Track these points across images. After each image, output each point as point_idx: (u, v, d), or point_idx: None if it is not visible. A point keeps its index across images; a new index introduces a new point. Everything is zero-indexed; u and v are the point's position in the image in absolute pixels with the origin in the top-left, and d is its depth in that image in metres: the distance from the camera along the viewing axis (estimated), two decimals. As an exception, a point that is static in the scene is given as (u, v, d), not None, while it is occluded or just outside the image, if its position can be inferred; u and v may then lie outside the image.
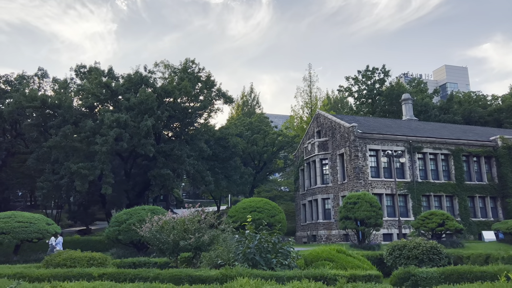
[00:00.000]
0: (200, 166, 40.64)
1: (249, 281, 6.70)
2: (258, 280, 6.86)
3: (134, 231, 23.50)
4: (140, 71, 40.52)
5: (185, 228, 12.78)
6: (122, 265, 15.42)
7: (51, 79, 42.72)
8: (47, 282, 8.43)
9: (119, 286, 6.74)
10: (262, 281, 6.82)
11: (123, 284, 7.06)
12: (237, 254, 12.13)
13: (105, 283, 7.08)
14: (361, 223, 28.40)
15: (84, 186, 32.09)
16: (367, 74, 58.86)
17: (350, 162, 38.94)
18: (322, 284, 6.65)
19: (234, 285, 6.36)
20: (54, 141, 33.44)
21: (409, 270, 9.80)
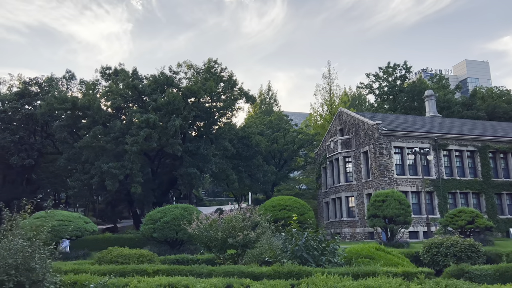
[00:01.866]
0: (224, 164, 41.20)
1: (329, 276, 7.00)
2: (336, 276, 7.15)
3: (168, 229, 24.25)
4: (165, 72, 41.22)
5: (231, 226, 13.18)
6: (166, 261, 15.90)
7: (78, 81, 43.86)
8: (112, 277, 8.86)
9: (201, 281, 7.10)
10: (340, 277, 7.11)
11: (206, 279, 7.42)
12: (283, 251, 12.46)
13: (189, 278, 7.46)
14: (389, 221, 28.44)
15: (114, 185, 32.95)
16: (388, 71, 58.50)
17: (374, 159, 38.91)
18: (402, 280, 6.89)
19: (315, 280, 6.65)
20: (85, 141, 34.40)
21: (463, 267, 9.97)
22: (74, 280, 7.39)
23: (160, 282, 7.06)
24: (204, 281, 7.08)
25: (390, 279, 6.83)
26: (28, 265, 6.23)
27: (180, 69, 45.83)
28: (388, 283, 6.45)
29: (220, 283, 6.97)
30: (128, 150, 33.20)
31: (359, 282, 6.57)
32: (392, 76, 58.63)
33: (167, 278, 7.37)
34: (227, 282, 7.09)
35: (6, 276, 5.96)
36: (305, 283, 6.69)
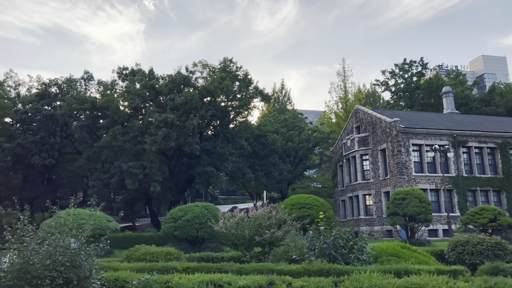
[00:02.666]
0: (240, 163, 41.35)
1: (373, 274, 7.02)
2: (378, 273, 7.16)
3: (189, 227, 24.44)
4: (182, 72, 41.51)
5: (258, 224, 13.27)
6: (191, 259, 16.06)
7: (96, 81, 44.49)
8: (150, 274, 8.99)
9: (243, 278, 7.18)
10: (382, 275, 7.11)
11: (248, 276, 7.49)
12: (311, 249, 12.49)
13: (230, 275, 7.55)
14: (409, 219, 28.21)
15: (134, 184, 33.38)
16: (404, 68, 57.90)
17: (392, 157, 38.60)
18: (448, 277, 6.87)
19: (358, 278, 6.68)
20: (104, 141, 34.89)
21: (497, 265, 9.88)
22: (116, 277, 7.54)
23: (202, 279, 7.15)
24: (246, 278, 7.15)
25: (435, 277, 6.81)
26: (75, 262, 6.39)
27: (196, 68, 46.09)
28: (435, 280, 6.44)
29: (262, 280, 7.03)
30: (147, 150, 33.58)
31: (405, 279, 6.57)
32: (408, 72, 58.02)
33: (208, 275, 7.47)
34: (269, 279, 7.14)
35: (56, 273, 6.13)
36: (348, 280, 6.72)
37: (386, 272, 9.04)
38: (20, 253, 6.27)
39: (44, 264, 6.14)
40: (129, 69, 44.65)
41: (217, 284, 7.02)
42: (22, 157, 41.77)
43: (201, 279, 7.16)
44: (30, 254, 6.21)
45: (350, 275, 9.15)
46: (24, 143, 39.42)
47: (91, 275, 6.53)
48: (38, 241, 6.52)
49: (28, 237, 6.58)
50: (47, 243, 6.46)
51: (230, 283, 6.99)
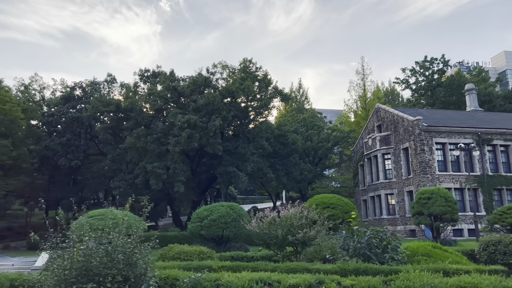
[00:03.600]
0: (261, 163, 41.54)
1: (423, 273, 7.09)
2: (427, 273, 7.23)
3: (215, 226, 24.75)
4: (202, 73, 41.96)
5: (290, 223, 13.42)
6: (222, 258, 16.32)
7: (119, 84, 45.36)
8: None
9: (291, 276, 7.35)
10: (431, 274, 7.19)
11: (291, 274, 7.66)
12: (344, 249, 12.58)
13: (279, 274, 7.73)
14: (435, 219, 27.94)
15: (158, 185, 33.96)
16: (425, 65, 57.13)
17: (415, 156, 38.22)
18: (499, 276, 6.91)
19: (408, 277, 6.77)
20: (129, 142, 35.58)
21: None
22: (166, 275, 7.80)
23: (251, 277, 7.34)
24: (295, 277, 7.30)
25: (487, 276, 6.84)
26: (131, 260, 6.67)
27: (216, 69, 46.50)
28: (487, 279, 6.48)
29: (312, 278, 7.17)
30: (170, 150, 34.10)
31: (457, 278, 6.63)
32: (429, 70, 57.24)
33: (257, 274, 7.65)
34: (318, 278, 7.28)
35: (116, 271, 6.42)
36: (399, 279, 6.80)
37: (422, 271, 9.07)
38: (81, 251, 6.57)
39: (103, 262, 6.44)
40: (150, 71, 45.40)
41: (266, 282, 7.19)
42: (48, 159, 42.88)
43: (250, 277, 7.34)
44: (91, 253, 6.51)
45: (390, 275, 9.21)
46: (51, 145, 40.50)
47: (146, 272, 6.80)
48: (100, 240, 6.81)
49: (88, 236, 6.89)
50: (104, 241, 6.76)
51: (279, 282, 7.15)
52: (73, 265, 6.41)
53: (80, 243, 6.76)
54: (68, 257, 6.60)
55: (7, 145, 37.38)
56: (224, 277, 7.44)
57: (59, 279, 6.39)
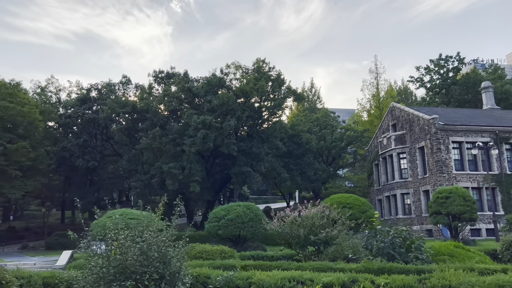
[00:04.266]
0: (275, 163, 41.57)
1: (458, 272, 7.07)
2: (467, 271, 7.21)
3: (233, 226, 24.86)
4: (216, 74, 42.17)
5: (311, 223, 13.45)
6: (242, 257, 16.39)
7: (134, 85, 45.87)
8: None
9: (324, 275, 7.39)
10: (466, 272, 7.17)
11: (322, 273, 7.70)
12: (367, 248, 12.56)
13: (312, 272, 7.78)
14: (453, 218, 27.65)
15: (174, 185, 34.24)
16: (440, 63, 56.49)
17: (431, 155, 37.86)
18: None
19: (444, 275, 6.76)
20: (145, 143, 35.97)
21: None
22: (197, 273, 7.91)
23: (283, 275, 7.40)
24: (328, 275, 7.34)
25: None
26: (166, 257, 6.79)
27: (229, 70, 46.68)
28: (526, 278, 6.44)
29: (345, 277, 7.20)
30: (186, 151, 34.35)
31: (494, 277, 6.60)
32: (444, 68, 56.58)
33: (288, 272, 7.71)
34: (351, 277, 7.30)
35: (153, 268, 6.55)
36: (434, 278, 6.79)
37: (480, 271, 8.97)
38: (118, 249, 6.71)
39: (138, 260, 6.56)
40: (164, 73, 45.79)
41: (299, 281, 7.24)
42: (65, 160, 43.53)
43: (282, 275, 7.39)
44: (127, 251, 6.64)
45: (417, 274, 9.15)
46: (68, 146, 41.14)
47: (180, 271, 6.91)
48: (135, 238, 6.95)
49: (123, 234, 7.04)
50: (138, 240, 6.89)
51: (312, 280, 7.19)
52: (111, 263, 6.56)
53: (117, 242, 6.89)
54: (105, 255, 6.74)
55: (26, 146, 38.08)
56: (256, 276, 7.50)
57: (97, 277, 6.54)
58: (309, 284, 7.09)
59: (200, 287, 7.45)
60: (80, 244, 7.37)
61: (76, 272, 8.02)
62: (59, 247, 39.98)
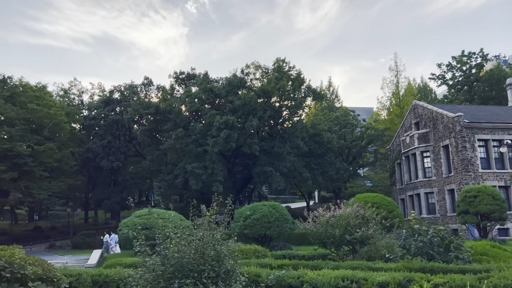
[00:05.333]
0: (297, 162, 41.52)
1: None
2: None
3: (259, 226, 24.96)
4: (237, 74, 42.35)
5: (346, 222, 13.43)
6: (274, 257, 16.45)
7: (155, 86, 46.46)
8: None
9: (379, 274, 7.39)
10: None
11: (376, 272, 7.70)
12: (404, 248, 12.46)
13: (365, 272, 7.79)
14: (482, 217, 27.16)
15: (198, 184, 34.56)
16: (462, 60, 55.46)
17: (456, 153, 37.23)
18: None
19: (505, 275, 6.69)
20: (169, 144, 36.40)
21: None
22: (247, 272, 7.98)
23: (335, 274, 7.43)
24: (383, 275, 7.33)
25: None
26: (220, 256, 6.90)
27: (249, 70, 46.83)
28: None
29: (400, 276, 7.19)
30: (209, 151, 34.63)
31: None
32: (466, 65, 55.53)
33: (341, 271, 7.73)
34: (407, 276, 7.28)
35: (209, 266, 6.68)
36: (495, 277, 6.72)
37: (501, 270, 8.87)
38: (176, 248, 6.86)
39: (195, 258, 6.69)
40: (185, 74, 46.22)
41: (353, 280, 7.25)
42: (90, 160, 44.39)
43: (334, 274, 7.42)
44: (184, 249, 6.79)
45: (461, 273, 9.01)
46: (93, 147, 41.94)
47: (233, 269, 7.02)
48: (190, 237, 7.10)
49: (180, 233, 7.19)
50: (194, 239, 7.03)
51: (366, 279, 7.19)
52: (170, 261, 6.71)
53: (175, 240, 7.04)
54: (163, 253, 6.89)
55: (52, 147, 38.97)
56: (308, 275, 7.54)
57: (156, 275, 6.69)
58: (363, 283, 7.09)
59: (252, 285, 7.53)
60: (136, 246, 7.54)
61: (128, 270, 8.21)
62: (85, 246, 40.91)
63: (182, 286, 6.31)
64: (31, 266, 9.22)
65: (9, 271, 8.72)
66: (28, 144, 38.10)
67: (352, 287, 7.04)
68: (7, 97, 38.50)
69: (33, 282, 8.91)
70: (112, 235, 31.75)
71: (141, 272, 7.01)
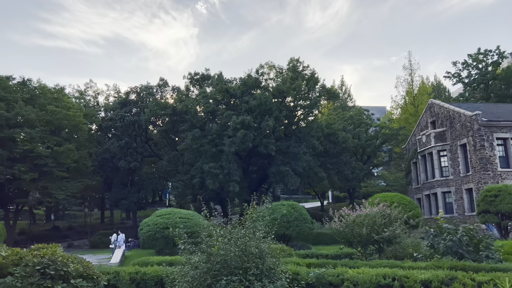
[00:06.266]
0: (312, 162, 41.52)
1: None
2: None
3: (279, 225, 25.09)
4: (251, 74, 42.50)
5: (373, 222, 13.48)
6: (298, 256, 16.55)
7: (170, 87, 46.91)
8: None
9: (421, 272, 7.46)
10: None
11: (417, 270, 7.76)
12: (433, 247, 12.48)
13: (407, 270, 7.87)
14: (503, 217, 26.91)
15: (215, 184, 34.84)
16: (478, 58, 54.82)
17: (474, 152, 36.88)
18: None
19: None
20: (186, 144, 36.75)
21: None
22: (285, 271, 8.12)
23: (376, 272, 7.52)
24: (424, 272, 7.41)
25: None
26: (262, 254, 7.05)
27: (262, 70, 46.95)
28: None
29: (443, 274, 7.25)
30: (225, 151, 34.87)
31: None
32: (482, 62, 54.88)
33: (381, 270, 7.81)
34: (449, 274, 7.34)
35: (254, 264, 6.83)
36: None
37: None
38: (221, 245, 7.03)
39: (240, 256, 6.86)
40: (199, 74, 46.54)
41: (395, 278, 7.33)
42: (107, 161, 45.01)
43: (375, 272, 7.51)
44: (229, 247, 6.95)
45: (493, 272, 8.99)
46: (111, 148, 42.53)
47: (275, 267, 7.16)
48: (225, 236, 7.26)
49: (223, 231, 7.36)
50: (237, 237, 7.19)
51: (407, 277, 7.27)
52: (215, 259, 6.88)
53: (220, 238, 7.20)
54: (208, 251, 7.06)
55: (71, 148, 39.59)
56: (348, 272, 7.64)
57: (202, 272, 6.87)
58: (405, 281, 7.17)
59: (294, 283, 7.66)
60: (180, 245, 7.73)
61: (170, 268, 8.39)
62: (103, 246, 41.53)
63: (229, 283, 6.47)
64: (72, 263, 9.50)
65: (53, 268, 8.99)
66: (47, 145, 38.75)
67: (394, 285, 7.12)
68: (27, 99, 39.23)
69: (75, 279, 9.18)
70: (120, 235, 32.02)
71: (187, 269, 7.19)
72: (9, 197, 42.43)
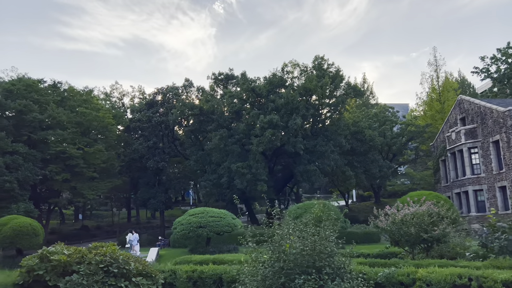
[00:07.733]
0: (339, 161, 41.19)
1: None
2: None
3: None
4: (276, 74, 42.43)
5: (421, 220, 13.27)
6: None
7: (195, 88, 47.32)
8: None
9: (497, 272, 7.31)
10: None
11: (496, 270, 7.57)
12: (485, 246, 12.19)
13: (471, 269, 7.73)
14: (542, 215, 26.13)
15: (243, 184, 34.96)
16: (508, 52, 53.28)
17: (508, 149, 35.90)
18: None
19: None
20: (213, 144, 37.01)
21: None
22: (353, 270, 8.08)
23: (450, 272, 7.41)
24: (503, 272, 7.25)
25: None
26: (333, 253, 7.02)
27: (287, 68, 46.84)
28: None
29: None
30: (253, 150, 34.92)
31: None
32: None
33: (456, 269, 7.70)
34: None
35: (326, 263, 6.82)
36: None
37: None
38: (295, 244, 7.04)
39: (312, 254, 6.84)
40: (224, 74, 46.75)
41: (470, 278, 7.19)
42: (135, 161, 45.74)
43: (449, 272, 7.39)
44: (302, 246, 6.95)
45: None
46: (140, 149, 43.23)
47: (344, 266, 7.12)
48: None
49: (292, 230, 7.35)
50: (309, 236, 7.18)
51: (485, 277, 7.13)
52: (288, 257, 6.88)
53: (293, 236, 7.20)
54: (281, 249, 7.07)
55: (101, 149, 40.37)
56: (419, 272, 7.55)
57: (275, 271, 6.88)
58: (483, 281, 7.03)
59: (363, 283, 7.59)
60: (248, 242, 7.76)
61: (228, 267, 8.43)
62: (132, 245, 42.21)
63: (305, 282, 6.46)
64: (133, 262, 9.68)
65: (116, 266, 9.20)
66: (78, 146, 39.61)
67: (472, 285, 6.99)
68: (58, 101, 40.16)
69: (136, 278, 9.36)
70: (134, 234, 31.84)
71: (260, 267, 7.19)
72: (42, 197, 43.56)
